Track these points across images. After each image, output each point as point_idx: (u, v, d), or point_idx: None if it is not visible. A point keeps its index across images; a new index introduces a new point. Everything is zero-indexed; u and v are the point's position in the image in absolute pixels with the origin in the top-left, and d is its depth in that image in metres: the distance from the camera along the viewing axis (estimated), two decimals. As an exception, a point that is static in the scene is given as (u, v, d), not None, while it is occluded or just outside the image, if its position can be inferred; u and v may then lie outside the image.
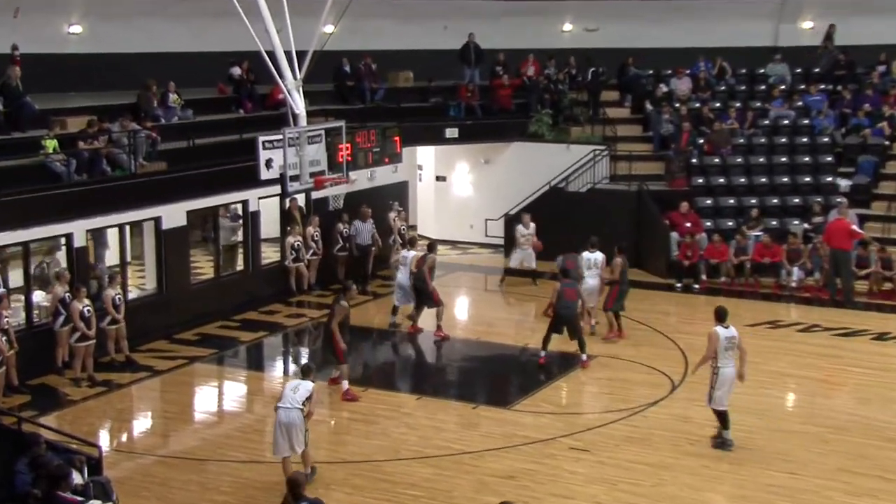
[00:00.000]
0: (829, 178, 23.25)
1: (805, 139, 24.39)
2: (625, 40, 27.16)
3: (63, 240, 16.76)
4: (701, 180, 23.50)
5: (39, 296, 16.69)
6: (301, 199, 20.92)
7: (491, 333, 18.48)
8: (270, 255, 21.47)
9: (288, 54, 17.38)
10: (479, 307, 21.25)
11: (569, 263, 17.43)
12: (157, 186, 18.03)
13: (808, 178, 23.41)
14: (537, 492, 11.96)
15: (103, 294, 16.45)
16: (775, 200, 23.04)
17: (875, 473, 12.46)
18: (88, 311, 15.56)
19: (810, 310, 19.90)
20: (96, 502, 10.53)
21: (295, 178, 16.79)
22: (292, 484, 9.19)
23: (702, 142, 24.22)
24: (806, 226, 22.08)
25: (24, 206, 15.85)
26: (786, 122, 24.99)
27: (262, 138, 16.70)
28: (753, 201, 22.85)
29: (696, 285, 21.19)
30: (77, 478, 10.81)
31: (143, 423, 14.84)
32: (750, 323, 18.74)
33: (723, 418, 13.00)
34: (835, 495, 11.93)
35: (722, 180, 23.53)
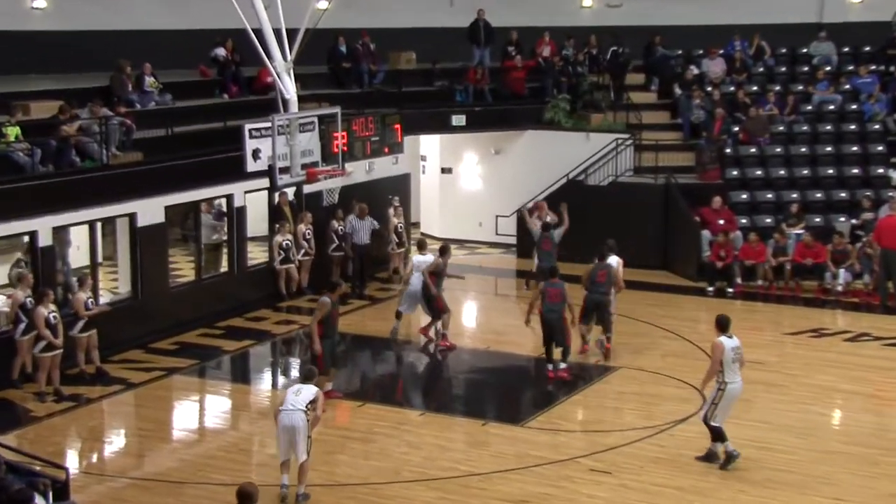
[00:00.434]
0: (881, 170, 23.19)
1: (853, 126, 24.36)
2: (651, 17, 27.15)
3: (26, 238, 16.76)
4: (735, 172, 23.47)
5: (0, 301, 16.71)
6: (291, 193, 20.92)
7: (502, 342, 18.46)
8: (258, 255, 21.48)
9: (277, 33, 17.38)
10: (488, 314, 21.24)
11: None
12: (131, 179, 18.03)
13: (856, 170, 23.37)
14: (553, 518, 11.94)
15: (74, 298, 16.45)
16: (819, 195, 23.00)
17: (931, 499, 12.40)
18: (55, 317, 15.55)
19: (859, 317, 19.84)
20: (62, 529, 10.51)
21: (285, 170, 16.80)
22: (243, 497, 9.15)
23: (737, 130, 24.18)
24: (853, 222, 22.03)
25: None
26: (831, 107, 24.96)
27: (248, 126, 16.70)
28: (794, 196, 22.80)
29: (729, 289, 21.14)
30: (41, 503, 10.78)
31: (116, 442, 14.83)
32: (791, 331, 18.70)
33: (718, 433, 12.98)
34: (885, 523, 11.88)
35: (759, 172, 23.49)
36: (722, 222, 21.90)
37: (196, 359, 17.55)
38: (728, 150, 23.70)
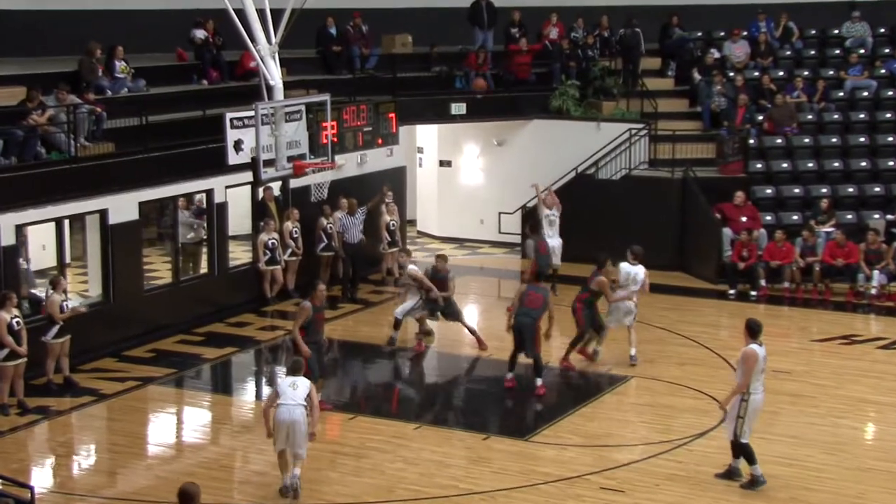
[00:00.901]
0: (918, 163, 23.37)
1: (888, 115, 24.50)
2: (668, -5, 27.25)
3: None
4: (760, 165, 23.57)
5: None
6: (277, 188, 21.00)
7: (505, 350, 18.47)
8: (240, 255, 21.56)
9: (261, 13, 17.47)
10: (490, 319, 21.25)
11: (532, 298, 16.44)
12: (102, 173, 18.09)
13: (891, 163, 23.51)
14: (561, 540, 12.04)
15: (48, 300, 16.54)
16: (851, 189, 23.12)
17: (970, 519, 12.49)
18: (18, 323, 15.60)
19: (893, 322, 19.93)
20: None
21: (270, 162, 16.90)
22: (185, 496, 9.56)
23: (761, 119, 24.28)
24: (889, 219, 22.13)
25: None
26: (865, 94, 25.09)
27: (230, 115, 16.81)
28: (824, 190, 22.91)
29: (753, 292, 21.23)
30: (5, 523, 10.88)
31: (86, 458, 14.88)
32: (820, 338, 18.79)
33: (747, 452, 12.98)
34: (921, 545, 11.97)
35: (785, 165, 23.59)
36: (745, 219, 21.98)
37: (173, 368, 17.60)
38: (752, 141, 23.78)
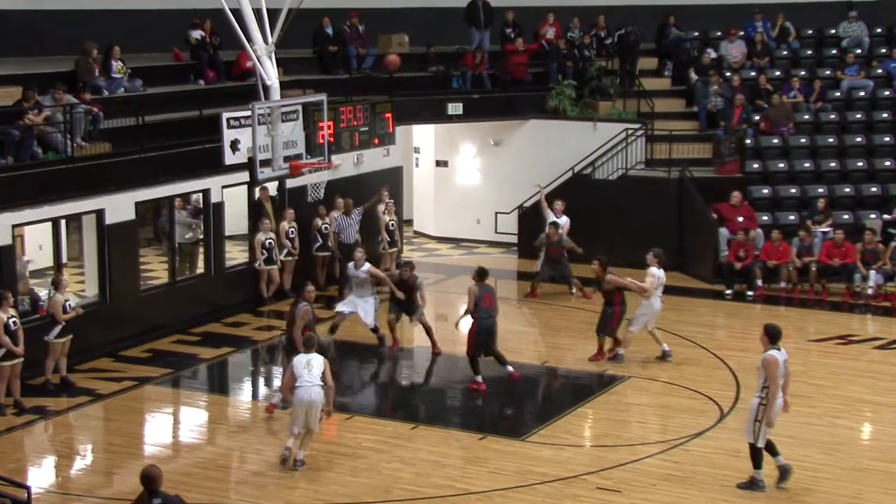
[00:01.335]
0: (915, 163, 23.39)
1: (885, 115, 24.49)
2: (665, -5, 27.25)
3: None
4: (756, 165, 23.58)
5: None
6: (273, 188, 21.00)
7: (502, 350, 18.52)
8: (237, 255, 21.55)
9: (258, 13, 17.44)
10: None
11: (487, 299, 16.63)
12: (98, 173, 18.08)
13: (888, 163, 23.50)
14: (557, 540, 12.04)
15: (51, 300, 16.56)
16: (848, 189, 23.13)
17: (966, 519, 12.51)
18: (15, 322, 15.61)
19: (890, 322, 19.94)
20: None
21: (266, 162, 16.87)
22: (147, 479, 9.87)
23: (758, 119, 24.29)
24: (886, 218, 22.14)
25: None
26: (862, 93, 25.09)
27: (226, 115, 16.77)
28: (821, 190, 22.92)
29: (750, 292, 21.25)
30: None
31: (83, 458, 14.88)
32: (816, 338, 18.80)
33: (757, 455, 12.95)
34: (917, 545, 11.99)
35: (782, 165, 23.61)
36: (741, 219, 21.99)
37: (170, 368, 17.60)
38: (748, 141, 23.79)
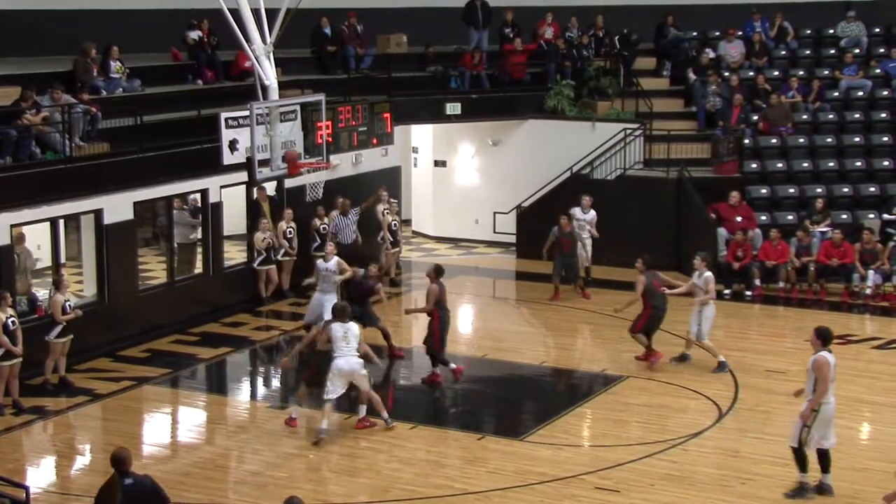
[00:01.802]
0: (914, 163, 23.39)
1: (884, 115, 24.51)
2: (663, -5, 27.26)
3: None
4: (755, 165, 23.60)
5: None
6: (272, 187, 21.01)
7: (500, 350, 18.58)
8: (235, 255, 21.56)
9: (256, 13, 17.45)
10: (485, 319, 21.33)
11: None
12: (97, 173, 18.11)
13: (886, 163, 23.51)
14: (556, 540, 12.06)
15: (51, 300, 16.57)
16: (846, 189, 23.14)
17: (964, 519, 12.50)
18: (13, 322, 15.63)
19: (889, 322, 19.96)
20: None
21: (265, 162, 16.88)
22: (117, 460, 10.01)
23: (756, 119, 24.31)
24: (884, 218, 22.16)
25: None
26: (860, 93, 25.11)
27: (224, 115, 16.78)
28: (819, 190, 22.93)
29: (748, 292, 21.27)
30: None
31: (81, 458, 14.90)
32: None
33: (802, 458, 12.86)
34: (915, 545, 11.97)
35: (781, 165, 23.62)
36: (740, 219, 22.00)
37: (168, 367, 17.62)
38: (747, 141, 23.80)
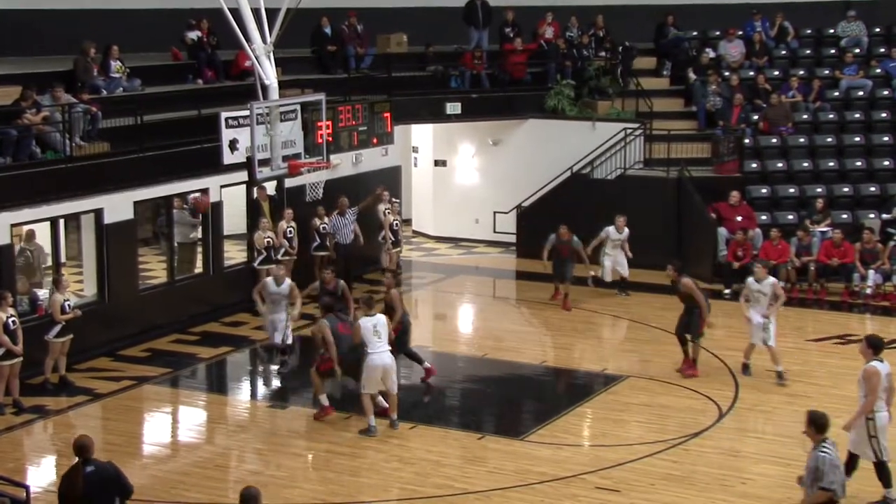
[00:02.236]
0: (914, 162, 23.40)
1: (884, 114, 24.53)
2: (663, -6, 27.27)
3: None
4: (755, 165, 23.60)
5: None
6: (272, 187, 21.02)
7: (500, 350, 18.58)
8: (235, 254, 21.57)
9: (256, 12, 17.45)
10: (485, 318, 21.33)
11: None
12: (97, 172, 18.10)
13: (886, 162, 23.52)
14: (556, 540, 12.07)
15: (50, 300, 16.58)
16: (846, 189, 23.15)
17: (965, 518, 12.51)
18: (14, 322, 15.64)
19: (889, 322, 19.95)
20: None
21: (265, 162, 16.87)
22: (79, 448, 10.22)
23: (756, 118, 24.31)
24: (884, 218, 22.17)
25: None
26: (861, 93, 25.12)
27: (224, 114, 16.77)
28: (819, 190, 22.94)
29: (749, 292, 21.26)
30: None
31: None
32: (815, 337, 18.84)
33: (887, 473, 12.76)
34: (916, 544, 11.98)
35: (781, 165, 23.63)
36: (740, 219, 22.00)
37: (169, 367, 17.63)
38: (747, 141, 23.80)
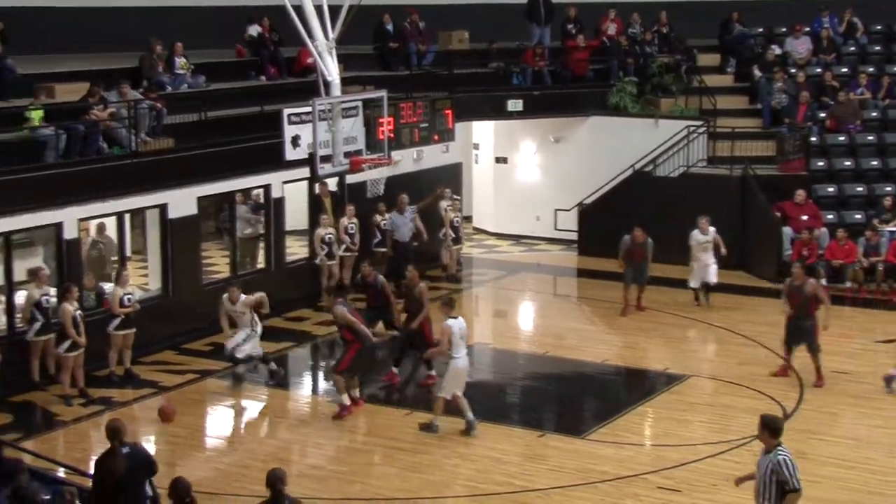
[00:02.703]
0: None
1: (954, 112, 24.18)
2: (729, -10, 27.04)
3: (53, 230, 17.03)
4: (822, 163, 23.35)
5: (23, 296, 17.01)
6: (334, 183, 21.11)
7: (561, 347, 18.55)
8: (297, 250, 21.71)
9: (319, 9, 17.57)
10: (546, 316, 21.30)
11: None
12: (162, 168, 18.31)
13: (957, 160, 23.21)
14: (617, 539, 12.04)
15: (111, 294, 16.80)
16: (916, 188, 22.85)
17: None
18: (80, 314, 15.88)
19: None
20: (88, 541, 10.76)
21: (327, 158, 16.99)
22: (113, 432, 10.42)
23: (823, 116, 24.05)
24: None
25: (3, 190, 16.12)
26: (931, 90, 24.78)
27: (287, 111, 16.94)
28: (888, 189, 22.65)
29: (814, 292, 21.03)
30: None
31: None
32: (883, 339, 18.57)
33: None
34: None
35: (848, 163, 23.36)
36: (805, 218, 21.81)
37: (231, 361, 17.78)
38: (813, 139, 23.57)
